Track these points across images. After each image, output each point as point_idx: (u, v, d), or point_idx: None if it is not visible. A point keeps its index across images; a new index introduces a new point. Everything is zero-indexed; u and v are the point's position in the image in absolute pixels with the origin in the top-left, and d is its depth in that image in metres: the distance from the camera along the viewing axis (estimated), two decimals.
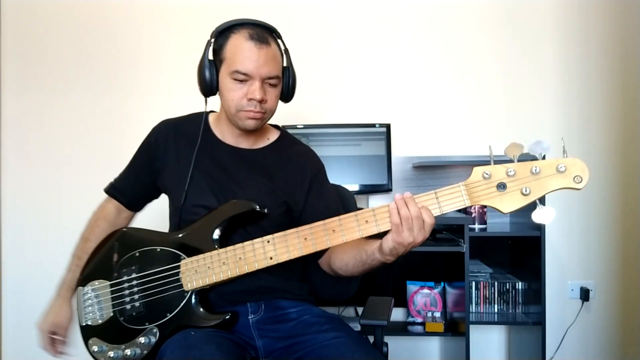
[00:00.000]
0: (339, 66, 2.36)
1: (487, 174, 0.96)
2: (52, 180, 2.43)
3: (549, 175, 0.94)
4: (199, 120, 1.27)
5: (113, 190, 1.35)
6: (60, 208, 2.43)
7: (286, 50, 1.23)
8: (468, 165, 2.30)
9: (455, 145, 2.37)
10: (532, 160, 0.96)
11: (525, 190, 0.94)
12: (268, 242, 1.07)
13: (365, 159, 2.19)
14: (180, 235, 1.17)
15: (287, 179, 1.25)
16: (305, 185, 1.26)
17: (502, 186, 0.96)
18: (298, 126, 2.14)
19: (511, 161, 0.95)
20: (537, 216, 0.95)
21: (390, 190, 2.21)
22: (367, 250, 1.07)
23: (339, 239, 1.03)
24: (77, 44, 2.44)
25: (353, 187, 2.13)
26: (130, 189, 1.34)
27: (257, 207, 1.14)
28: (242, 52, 1.14)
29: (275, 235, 1.07)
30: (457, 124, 2.38)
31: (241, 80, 1.14)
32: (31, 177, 2.44)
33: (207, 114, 1.29)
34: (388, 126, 2.21)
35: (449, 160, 2.31)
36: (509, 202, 0.96)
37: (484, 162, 2.24)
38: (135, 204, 1.37)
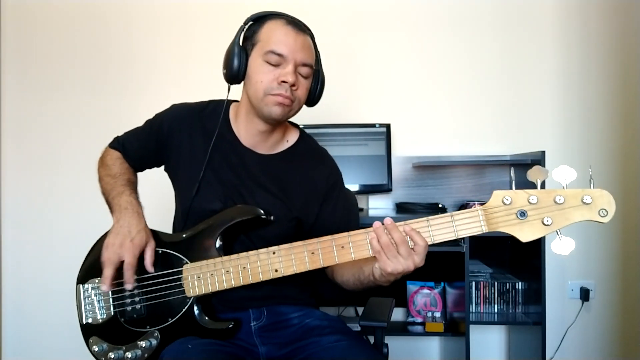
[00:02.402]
0: (338, 66, 2.36)
1: (507, 199, 0.92)
2: (51, 180, 2.43)
3: (573, 206, 0.89)
4: (219, 113, 1.21)
5: (117, 145, 1.31)
6: (60, 207, 2.43)
7: (318, 54, 1.20)
8: (468, 165, 2.30)
9: (455, 145, 2.37)
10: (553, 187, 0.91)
11: (547, 221, 0.89)
12: (274, 253, 1.04)
13: (365, 159, 2.19)
14: (183, 238, 1.15)
15: (301, 193, 1.20)
16: (318, 200, 1.21)
17: (522, 214, 0.91)
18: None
19: (528, 183, 0.91)
20: (557, 247, 0.91)
21: (390, 190, 2.21)
22: (364, 270, 1.05)
23: (348, 256, 0.99)
24: (77, 44, 2.43)
25: (353, 187, 2.13)
26: (133, 152, 1.30)
27: (263, 213, 1.12)
28: (278, 34, 1.11)
29: (282, 246, 1.04)
30: (457, 124, 2.37)
31: (274, 64, 1.10)
32: (31, 177, 2.44)
33: (227, 105, 1.24)
34: (388, 126, 2.21)
35: (449, 160, 2.31)
36: (529, 232, 0.91)
37: (484, 162, 2.27)
38: (137, 167, 1.33)
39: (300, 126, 1.33)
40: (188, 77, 2.39)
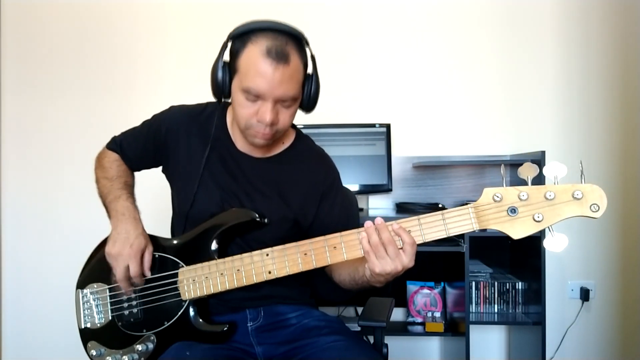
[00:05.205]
0: (338, 66, 2.36)
1: (498, 196, 0.91)
2: (52, 180, 2.43)
3: (564, 202, 0.89)
4: (215, 116, 1.20)
5: (115, 145, 1.30)
6: (60, 208, 2.43)
7: (312, 57, 1.12)
8: (468, 165, 2.30)
9: (455, 145, 2.37)
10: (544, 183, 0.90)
11: (538, 217, 0.89)
12: (267, 255, 1.04)
13: (365, 159, 2.19)
14: (178, 242, 1.16)
15: (298, 195, 1.19)
16: (316, 201, 1.21)
17: (513, 210, 0.91)
18: (298, 126, 2.13)
19: (524, 182, 0.90)
20: (549, 244, 0.90)
21: (390, 190, 2.21)
22: (359, 270, 1.04)
23: (340, 257, 0.99)
24: (77, 44, 2.43)
25: (353, 187, 2.13)
26: (131, 154, 1.29)
27: (257, 216, 1.12)
28: (255, 69, 1.02)
29: (275, 248, 1.04)
30: (457, 124, 2.37)
31: (252, 100, 1.05)
32: (31, 177, 2.44)
33: (224, 109, 1.23)
34: (388, 126, 2.20)
35: (449, 160, 2.31)
36: (520, 228, 0.91)
37: (484, 162, 2.27)
38: (134, 167, 1.32)
39: (299, 126, 1.32)
40: (190, 79, 2.38)
